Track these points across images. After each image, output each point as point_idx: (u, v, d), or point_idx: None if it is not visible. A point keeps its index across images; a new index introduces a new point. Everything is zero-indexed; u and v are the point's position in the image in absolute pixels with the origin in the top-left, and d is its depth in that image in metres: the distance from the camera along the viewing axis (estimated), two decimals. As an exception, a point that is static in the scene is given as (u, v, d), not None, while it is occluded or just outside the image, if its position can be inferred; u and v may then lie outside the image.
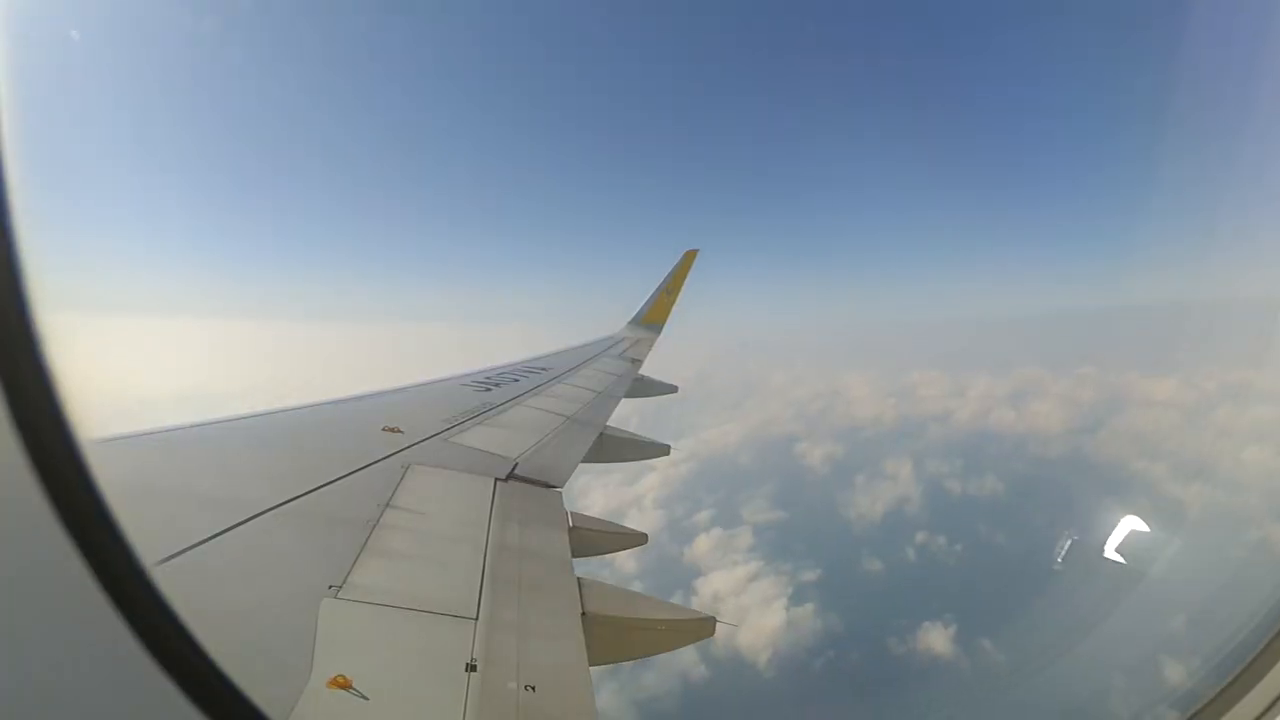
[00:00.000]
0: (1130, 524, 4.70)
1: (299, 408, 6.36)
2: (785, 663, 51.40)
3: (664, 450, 8.88)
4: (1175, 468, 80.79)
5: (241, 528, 3.44)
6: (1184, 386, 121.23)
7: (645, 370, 11.49)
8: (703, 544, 71.09)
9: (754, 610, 57.48)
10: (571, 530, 4.71)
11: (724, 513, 78.89)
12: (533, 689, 2.83)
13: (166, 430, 4.84)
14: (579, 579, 3.95)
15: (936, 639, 51.89)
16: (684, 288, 14.38)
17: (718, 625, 4.18)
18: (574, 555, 4.35)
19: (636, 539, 5.85)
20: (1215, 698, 2.27)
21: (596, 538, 5.15)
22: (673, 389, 12.18)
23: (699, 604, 58.83)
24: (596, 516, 5.41)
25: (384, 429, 5.59)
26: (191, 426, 5.11)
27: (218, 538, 3.28)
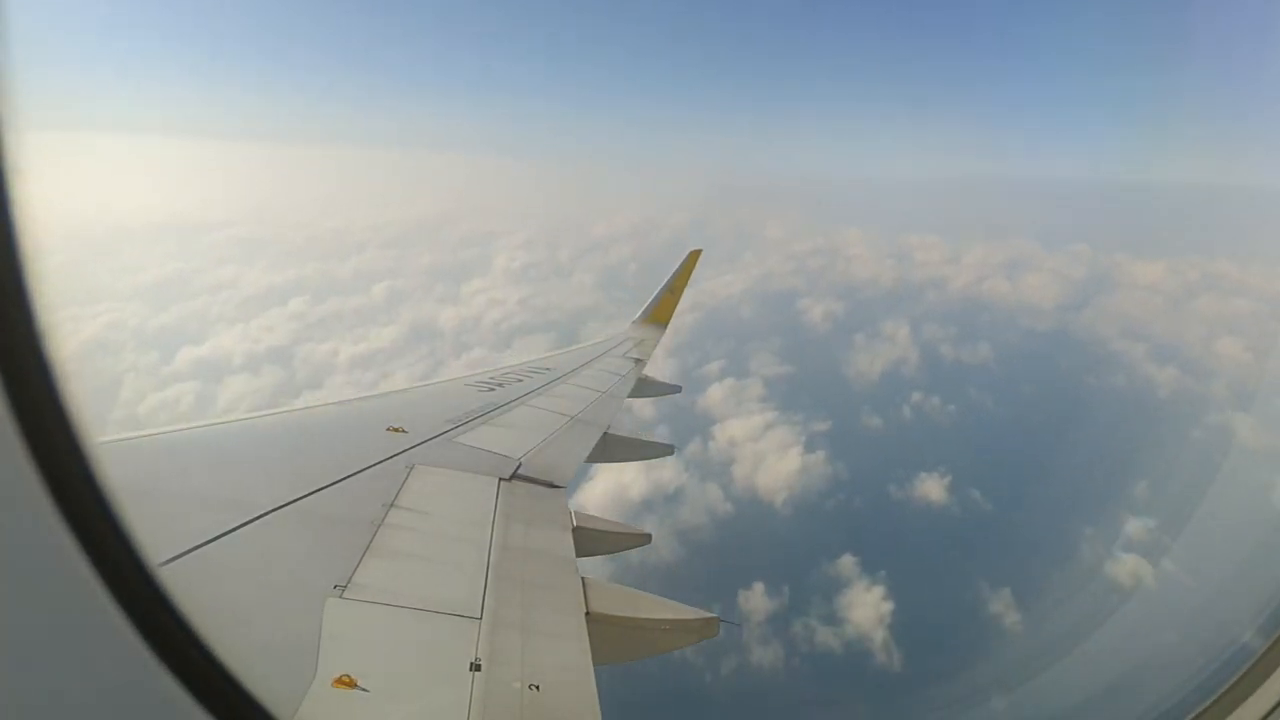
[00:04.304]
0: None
1: (303, 409, 6.38)
2: (800, 503, 56.28)
3: (668, 450, 9.02)
4: (1153, 350, 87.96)
5: (246, 528, 3.45)
6: (1169, 273, 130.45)
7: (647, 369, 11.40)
8: (716, 393, 74.79)
9: (770, 456, 61.70)
10: (575, 530, 4.73)
11: (733, 364, 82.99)
12: (537, 688, 2.86)
13: (171, 431, 4.85)
14: (583, 579, 3.97)
15: (932, 488, 57.87)
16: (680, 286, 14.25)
17: (721, 626, 4.20)
18: (578, 555, 4.38)
19: (640, 539, 5.91)
20: (1218, 699, 2.26)
21: (600, 537, 5.18)
22: (676, 389, 12.20)
23: (716, 449, 63.31)
24: (600, 516, 5.44)
25: (388, 429, 5.58)
26: (196, 427, 5.12)
27: (223, 538, 3.29)
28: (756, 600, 43.53)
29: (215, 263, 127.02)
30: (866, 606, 43.55)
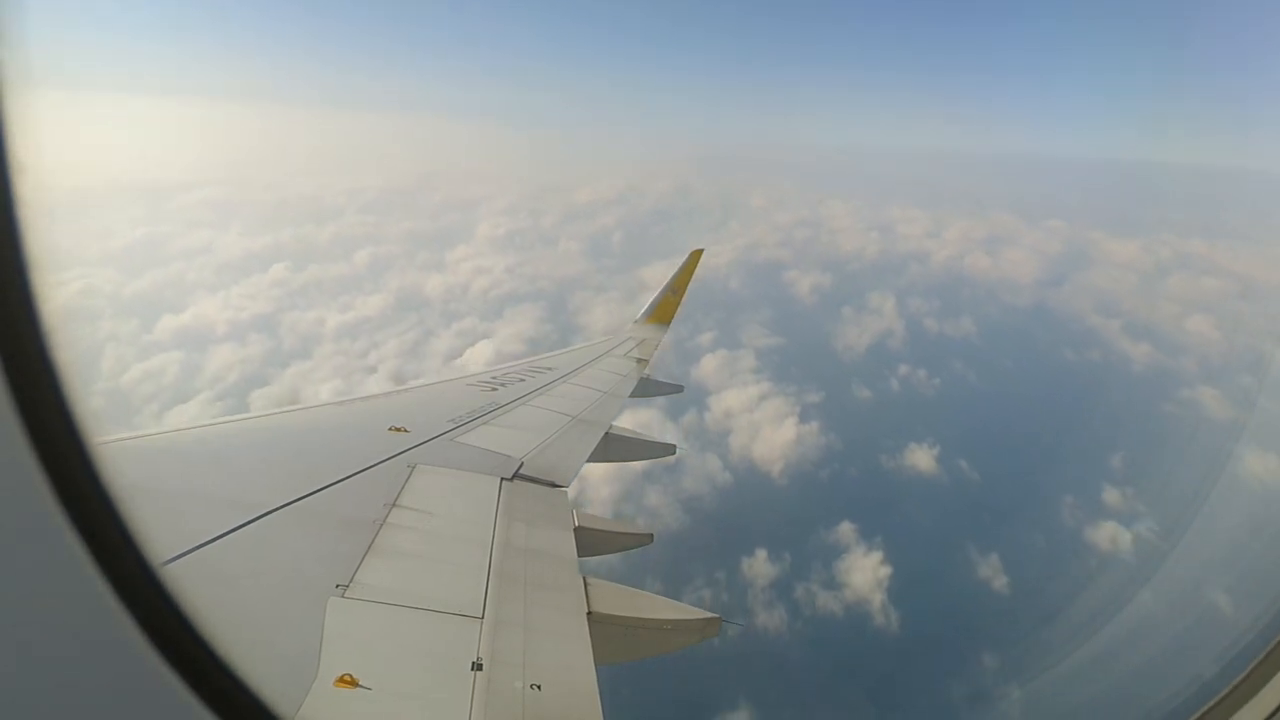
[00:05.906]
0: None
1: (305, 408, 6.38)
2: (796, 473, 57.65)
3: (670, 450, 9.04)
4: (1127, 327, 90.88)
5: (249, 527, 3.46)
6: (1143, 251, 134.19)
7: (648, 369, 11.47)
8: (709, 364, 75.53)
9: (766, 426, 62.76)
10: (577, 530, 4.74)
11: (725, 335, 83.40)
12: (538, 688, 2.88)
13: (175, 430, 4.86)
14: (584, 578, 3.99)
15: (921, 458, 59.51)
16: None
17: (722, 625, 4.24)
18: (580, 555, 4.39)
19: (642, 539, 5.92)
20: (1222, 699, 2.25)
21: (602, 537, 5.20)
22: (679, 389, 12.24)
23: (713, 420, 64.47)
24: (602, 516, 5.45)
25: (390, 429, 5.58)
26: (199, 427, 5.13)
27: (226, 537, 3.30)
28: (760, 566, 44.85)
29: (187, 226, 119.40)
30: (865, 571, 44.97)
